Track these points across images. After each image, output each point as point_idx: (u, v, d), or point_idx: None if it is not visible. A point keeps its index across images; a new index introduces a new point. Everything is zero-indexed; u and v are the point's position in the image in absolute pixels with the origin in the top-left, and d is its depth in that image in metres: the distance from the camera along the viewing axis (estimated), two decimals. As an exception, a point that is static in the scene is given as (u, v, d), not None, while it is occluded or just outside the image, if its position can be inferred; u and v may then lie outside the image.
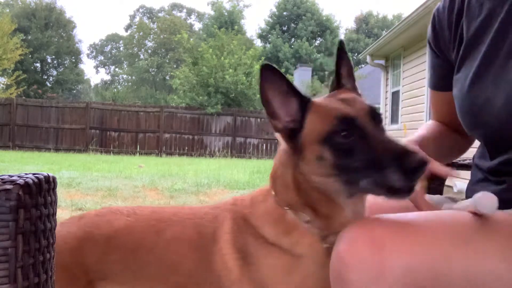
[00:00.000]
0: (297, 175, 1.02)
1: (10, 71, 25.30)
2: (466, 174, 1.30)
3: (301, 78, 23.37)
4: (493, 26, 1.06)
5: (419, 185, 0.99)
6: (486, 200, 0.88)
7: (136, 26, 47.09)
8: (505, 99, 1.00)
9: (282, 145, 1.07)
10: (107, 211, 1.30)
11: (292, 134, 1.00)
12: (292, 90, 1.01)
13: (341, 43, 1.12)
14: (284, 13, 40.42)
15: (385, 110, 11.87)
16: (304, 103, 1.01)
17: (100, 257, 1.01)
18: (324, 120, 0.98)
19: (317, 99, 1.05)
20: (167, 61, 44.31)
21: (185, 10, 50.54)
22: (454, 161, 1.49)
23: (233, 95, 18.64)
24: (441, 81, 1.29)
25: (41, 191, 0.89)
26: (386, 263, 0.80)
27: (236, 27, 31.31)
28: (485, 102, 1.05)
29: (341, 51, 1.12)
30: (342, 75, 1.14)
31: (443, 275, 0.81)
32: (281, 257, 1.03)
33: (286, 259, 1.02)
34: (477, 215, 0.90)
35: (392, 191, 0.89)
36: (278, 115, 1.01)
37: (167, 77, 41.40)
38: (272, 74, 0.99)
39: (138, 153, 16.77)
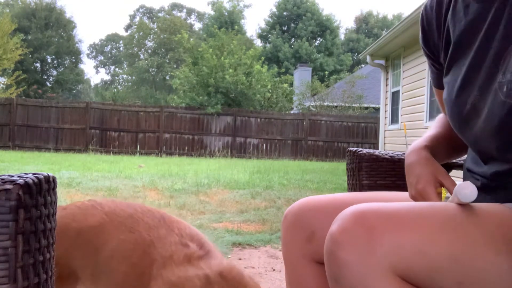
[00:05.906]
0: None
1: (10, 71, 25.29)
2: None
3: (301, 78, 23.37)
4: (479, 30, 1.02)
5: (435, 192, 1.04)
6: (465, 189, 0.92)
7: (136, 26, 47.06)
8: (488, 109, 0.98)
9: None
10: (90, 204, 1.30)
11: None
12: None
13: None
14: (284, 13, 40.40)
15: (385, 110, 11.87)
16: None
17: (67, 250, 0.99)
18: None
19: None
20: (167, 61, 44.30)
21: (185, 10, 50.55)
22: (454, 160, 1.47)
23: (233, 95, 18.63)
24: (439, 80, 1.27)
25: (41, 191, 0.89)
26: (376, 240, 0.83)
27: (236, 27, 31.33)
28: (471, 108, 1.03)
29: None
30: None
31: (429, 255, 0.84)
32: None
33: None
34: (460, 205, 0.93)
35: None
36: None
37: (167, 77, 41.38)
38: None
39: (138, 153, 16.76)
